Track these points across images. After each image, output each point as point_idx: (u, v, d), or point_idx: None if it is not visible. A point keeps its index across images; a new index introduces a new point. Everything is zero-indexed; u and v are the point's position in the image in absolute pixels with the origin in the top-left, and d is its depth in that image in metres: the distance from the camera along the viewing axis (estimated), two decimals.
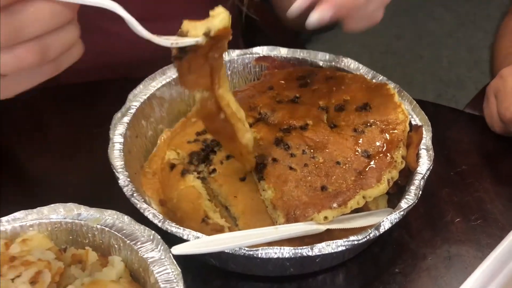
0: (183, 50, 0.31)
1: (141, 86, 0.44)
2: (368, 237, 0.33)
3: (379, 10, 0.41)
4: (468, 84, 1.87)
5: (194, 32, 0.31)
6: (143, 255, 0.33)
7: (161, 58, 0.37)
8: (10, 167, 0.45)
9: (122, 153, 0.39)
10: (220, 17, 0.30)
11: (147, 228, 0.34)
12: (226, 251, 0.32)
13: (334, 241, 0.33)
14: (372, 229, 0.34)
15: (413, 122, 0.42)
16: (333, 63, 0.48)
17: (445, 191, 0.43)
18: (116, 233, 0.34)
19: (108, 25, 0.56)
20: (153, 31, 0.30)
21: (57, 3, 0.25)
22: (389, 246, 0.39)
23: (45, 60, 0.27)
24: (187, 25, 0.32)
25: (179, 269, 0.31)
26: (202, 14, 0.36)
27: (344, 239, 0.33)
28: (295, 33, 0.73)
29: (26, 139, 0.47)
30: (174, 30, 0.32)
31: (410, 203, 0.35)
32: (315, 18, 0.36)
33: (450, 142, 0.48)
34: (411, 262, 0.38)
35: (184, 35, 0.31)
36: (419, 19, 2.23)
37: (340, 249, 0.33)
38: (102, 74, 0.58)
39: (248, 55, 0.49)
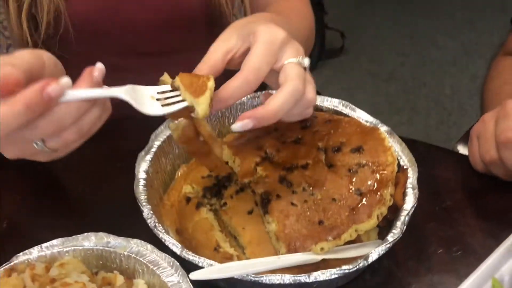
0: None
1: (162, 127, 0.51)
2: (357, 266, 0.39)
3: (307, 109, 0.45)
4: (470, 111, 1.93)
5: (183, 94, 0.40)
6: (164, 279, 0.38)
7: None
8: (49, 197, 0.51)
9: (145, 188, 0.45)
10: (201, 107, 0.40)
11: (167, 255, 0.40)
12: (235, 277, 0.38)
13: (328, 270, 0.38)
14: (361, 260, 0.39)
15: (402, 163, 0.48)
16: (336, 108, 0.54)
17: (430, 224, 0.49)
18: (140, 259, 0.40)
19: None
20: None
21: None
22: (378, 274, 0.44)
23: (82, 135, 0.37)
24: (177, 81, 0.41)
25: None
26: (203, 48, 0.43)
27: (337, 268, 0.38)
28: None
29: (63, 172, 0.54)
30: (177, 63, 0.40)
31: (396, 237, 0.41)
32: (237, 127, 0.41)
33: (437, 179, 0.54)
34: None
35: (173, 86, 0.41)
36: (423, 47, 2.31)
37: (333, 277, 0.38)
38: (125, 112, 0.66)
39: (257, 98, 0.55)
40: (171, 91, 0.41)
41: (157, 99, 0.39)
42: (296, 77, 0.42)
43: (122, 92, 0.37)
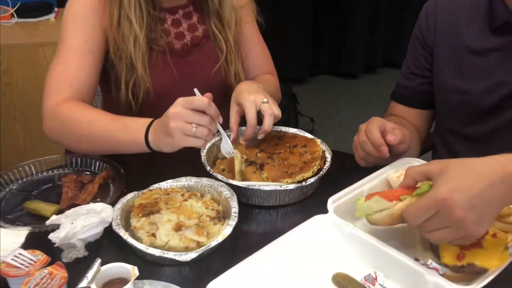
0: None
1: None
2: None
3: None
4: None
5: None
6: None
7: None
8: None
9: (207, 156, 0.99)
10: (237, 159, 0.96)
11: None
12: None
13: None
14: None
15: (327, 154, 1.03)
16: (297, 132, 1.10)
17: None
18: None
19: None
20: None
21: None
22: None
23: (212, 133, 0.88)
24: None
25: None
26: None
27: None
28: None
29: None
30: None
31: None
32: (261, 137, 1.00)
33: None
34: None
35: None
36: None
37: None
38: None
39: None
40: None
41: None
42: (270, 109, 0.99)
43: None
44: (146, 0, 1.10)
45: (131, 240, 0.77)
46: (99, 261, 0.74)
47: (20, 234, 0.79)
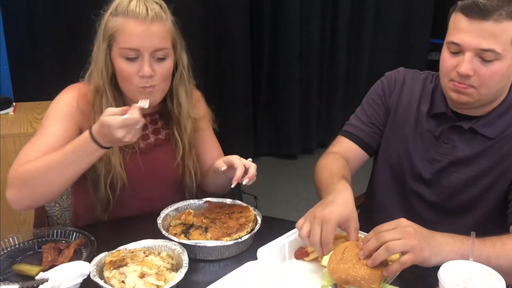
0: None
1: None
2: None
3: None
4: None
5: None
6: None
7: None
8: None
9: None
10: None
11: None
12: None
13: None
14: None
15: (258, 218, 1.34)
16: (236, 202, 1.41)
17: None
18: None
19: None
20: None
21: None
22: None
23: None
24: None
25: None
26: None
27: None
28: None
29: None
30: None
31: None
32: (247, 182, 1.29)
33: None
34: None
35: None
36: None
37: None
38: None
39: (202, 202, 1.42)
40: None
41: None
42: (253, 164, 1.30)
43: None
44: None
45: (107, 286, 1.03)
46: None
47: None
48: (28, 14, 2.87)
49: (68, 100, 1.35)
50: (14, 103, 2.63)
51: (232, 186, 1.29)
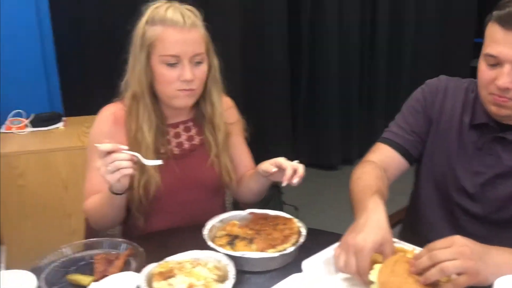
0: None
1: None
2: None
3: None
4: None
5: None
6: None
7: None
8: None
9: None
10: None
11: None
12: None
13: None
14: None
15: (302, 230, 1.34)
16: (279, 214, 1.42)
17: None
18: None
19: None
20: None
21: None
22: None
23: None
24: None
25: None
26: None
27: None
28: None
29: None
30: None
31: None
32: (296, 181, 1.28)
33: None
34: None
35: None
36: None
37: None
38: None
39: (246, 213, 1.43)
40: None
41: None
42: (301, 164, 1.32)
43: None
44: (156, 116, 1.46)
45: None
46: None
47: None
48: (77, 30, 2.99)
49: (100, 127, 1.48)
50: (64, 118, 2.73)
51: (283, 184, 1.31)
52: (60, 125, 2.65)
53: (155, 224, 1.52)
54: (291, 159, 1.38)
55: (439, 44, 4.49)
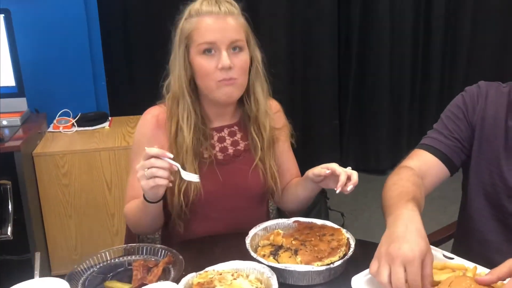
0: None
1: None
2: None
3: None
4: None
5: None
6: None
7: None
8: None
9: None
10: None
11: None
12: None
13: None
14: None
15: (351, 241, 1.26)
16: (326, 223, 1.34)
17: None
18: None
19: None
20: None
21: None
22: None
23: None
24: None
25: None
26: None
27: None
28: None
29: None
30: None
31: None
32: (350, 189, 1.24)
33: None
34: None
35: None
36: None
37: None
38: None
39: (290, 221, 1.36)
40: None
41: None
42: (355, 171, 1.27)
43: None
44: (197, 116, 1.41)
45: None
46: None
47: None
48: (123, 31, 3.02)
49: (142, 130, 1.44)
50: (110, 118, 2.75)
51: (337, 191, 1.26)
52: (106, 124, 2.67)
53: (196, 231, 1.47)
54: (338, 162, 1.30)
55: (497, 44, 4.26)
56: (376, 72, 3.84)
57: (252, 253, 1.19)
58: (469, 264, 1.09)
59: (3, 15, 2.33)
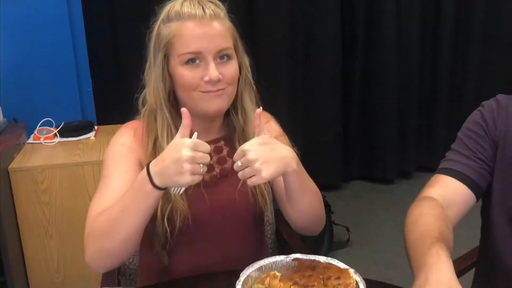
0: None
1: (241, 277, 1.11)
2: None
3: None
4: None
5: None
6: None
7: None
8: None
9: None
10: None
11: None
12: None
13: None
14: None
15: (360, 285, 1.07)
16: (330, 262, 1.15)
17: None
18: None
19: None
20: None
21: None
22: None
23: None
24: None
25: None
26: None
27: None
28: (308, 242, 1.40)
29: None
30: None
31: None
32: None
33: None
34: None
35: None
36: None
37: None
38: (212, 269, 1.26)
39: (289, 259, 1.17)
40: None
41: None
42: None
43: None
44: (177, 131, 1.21)
45: None
46: None
47: None
48: (111, 37, 2.86)
49: (120, 141, 1.25)
50: (96, 127, 2.57)
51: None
52: (91, 134, 2.48)
53: (181, 264, 1.28)
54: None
55: (510, 46, 4.05)
56: (381, 76, 3.65)
57: None
58: None
59: None
